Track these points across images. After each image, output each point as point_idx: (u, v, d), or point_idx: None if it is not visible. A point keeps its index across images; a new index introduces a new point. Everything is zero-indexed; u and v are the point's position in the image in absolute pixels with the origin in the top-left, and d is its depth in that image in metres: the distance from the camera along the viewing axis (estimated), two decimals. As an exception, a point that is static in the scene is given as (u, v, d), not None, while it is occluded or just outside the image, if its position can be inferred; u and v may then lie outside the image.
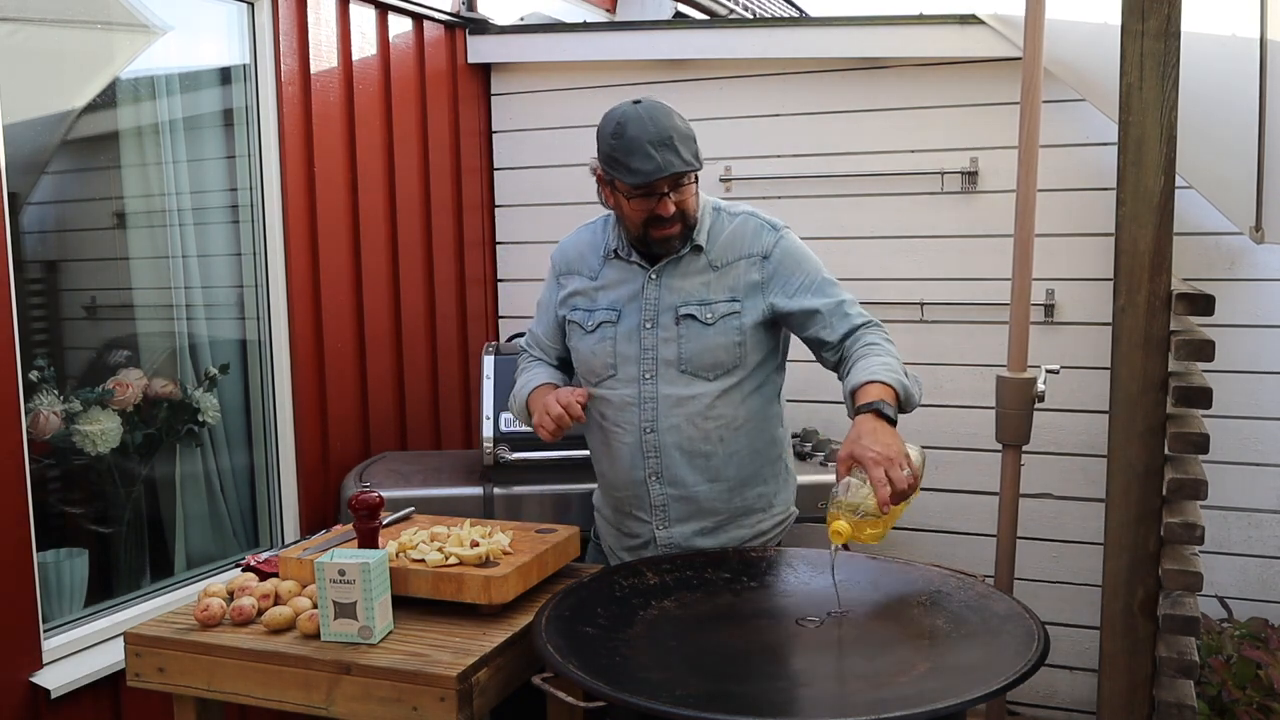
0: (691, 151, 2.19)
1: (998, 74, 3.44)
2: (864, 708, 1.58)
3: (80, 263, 3.05)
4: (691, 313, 2.27)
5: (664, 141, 2.15)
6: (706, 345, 2.26)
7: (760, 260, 2.29)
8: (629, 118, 2.18)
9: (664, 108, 2.22)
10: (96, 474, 2.91)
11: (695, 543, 2.33)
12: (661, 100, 2.28)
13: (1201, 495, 2.03)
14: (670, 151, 2.15)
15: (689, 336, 2.27)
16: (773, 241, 2.30)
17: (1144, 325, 2.02)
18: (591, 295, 2.37)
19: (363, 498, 2.10)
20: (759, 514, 2.37)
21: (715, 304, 2.27)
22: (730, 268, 2.29)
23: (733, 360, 2.27)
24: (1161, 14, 1.96)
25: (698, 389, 2.27)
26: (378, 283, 3.58)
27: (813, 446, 3.44)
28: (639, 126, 2.16)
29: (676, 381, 2.27)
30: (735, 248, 2.31)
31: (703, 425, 2.28)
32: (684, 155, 2.17)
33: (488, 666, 1.90)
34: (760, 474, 2.36)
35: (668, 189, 2.19)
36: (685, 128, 2.21)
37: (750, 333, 2.28)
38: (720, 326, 2.27)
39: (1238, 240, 3.22)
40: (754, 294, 2.28)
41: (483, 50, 4.03)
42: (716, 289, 2.28)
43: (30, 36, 2.72)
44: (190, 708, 2.07)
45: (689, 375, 2.27)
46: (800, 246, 2.34)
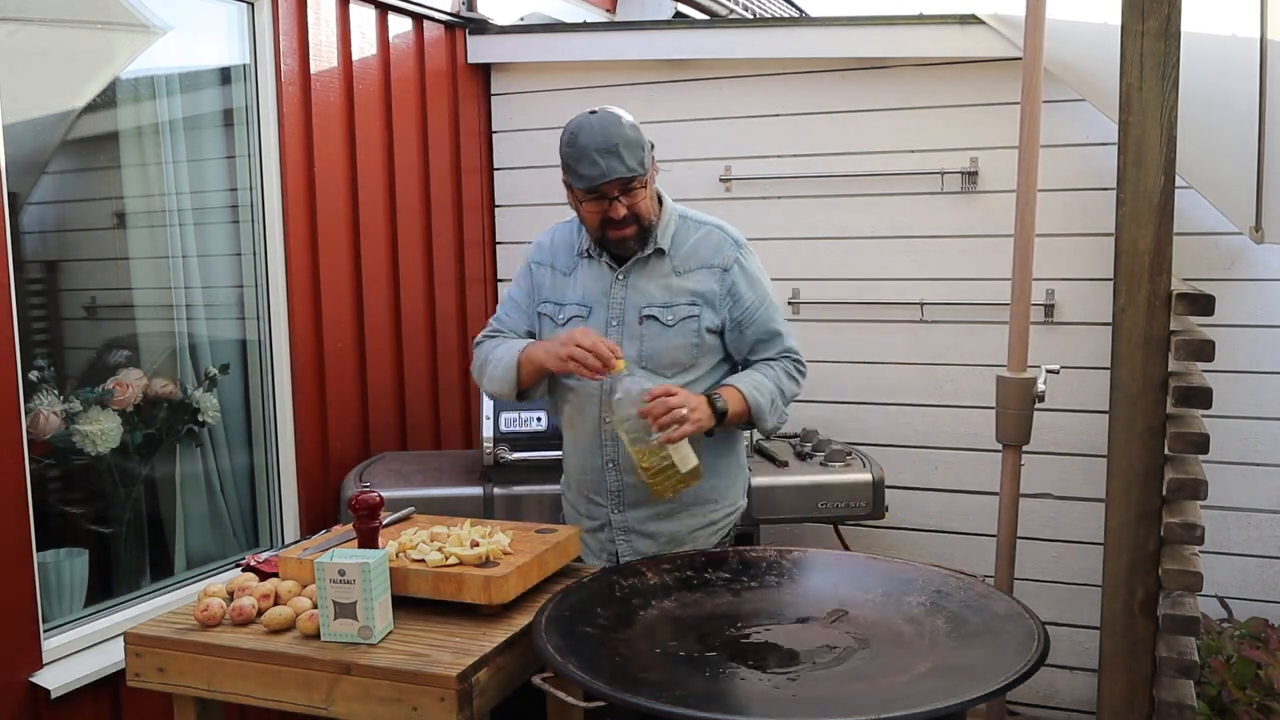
0: (636, 158, 2.30)
1: (998, 74, 3.44)
2: (864, 708, 1.58)
3: (80, 263, 3.06)
4: (654, 314, 2.41)
5: (609, 149, 2.28)
6: (667, 345, 2.41)
7: (721, 272, 2.44)
8: (582, 127, 2.32)
9: (615, 117, 2.33)
10: (96, 474, 2.91)
11: (648, 527, 2.48)
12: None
13: (1201, 495, 2.03)
14: (615, 158, 2.28)
15: (650, 336, 2.41)
16: (734, 257, 2.45)
17: (1144, 325, 2.02)
18: (561, 288, 2.50)
19: (363, 498, 2.10)
20: (710, 504, 2.51)
21: (676, 307, 2.41)
22: (692, 274, 2.43)
23: (690, 360, 2.43)
24: (1161, 14, 1.97)
25: (655, 384, 2.34)
26: (378, 283, 3.58)
27: (813, 446, 3.44)
28: (589, 135, 2.30)
29: (641, 377, 2.37)
30: (698, 256, 2.45)
31: None
32: (628, 162, 2.29)
33: (488, 666, 1.90)
34: (713, 467, 2.46)
35: (618, 193, 2.32)
36: (634, 136, 2.32)
37: (707, 336, 2.43)
38: (680, 328, 2.41)
39: (1238, 240, 3.22)
40: (712, 302, 2.43)
41: (483, 50, 4.03)
42: (678, 293, 2.42)
43: (30, 36, 2.72)
44: (190, 708, 2.07)
45: (648, 371, 2.40)
46: (757, 268, 2.50)
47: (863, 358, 3.75)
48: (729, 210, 3.84)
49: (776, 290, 2.54)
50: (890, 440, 3.73)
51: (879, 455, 3.60)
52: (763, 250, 3.78)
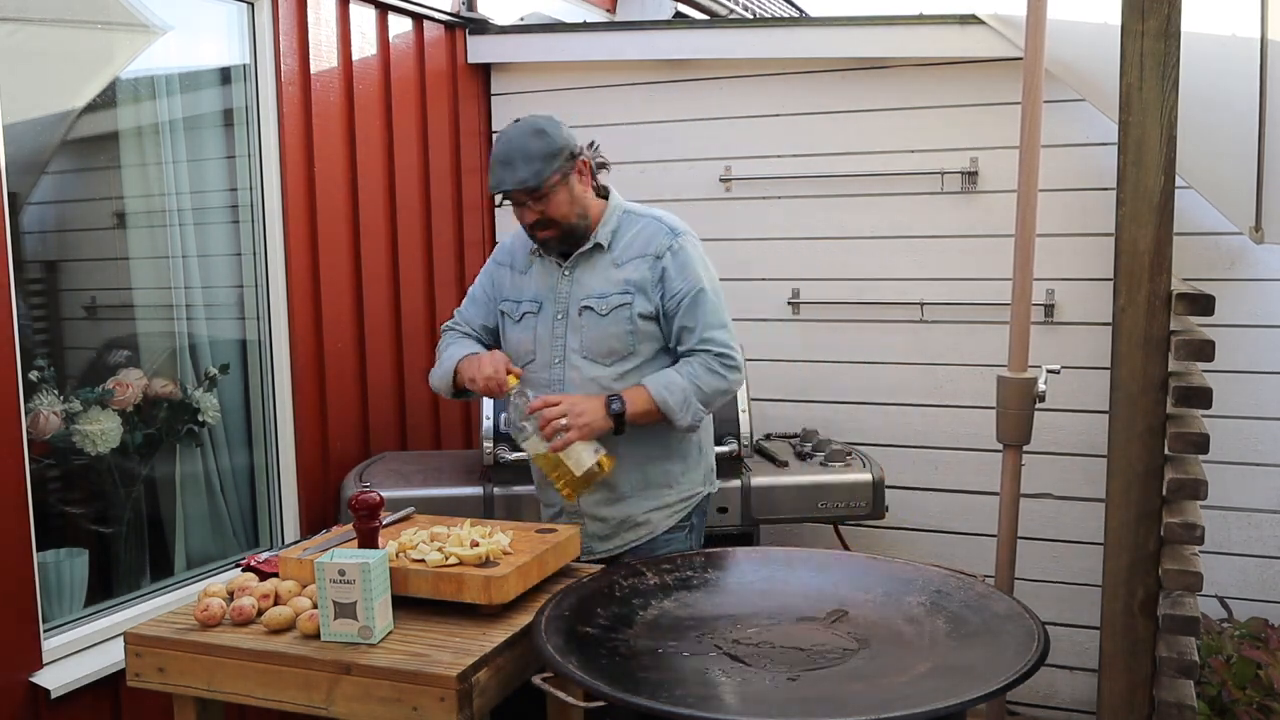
0: (532, 170, 2.41)
1: (998, 74, 3.44)
2: (864, 708, 1.58)
3: (80, 263, 3.05)
4: (590, 305, 2.51)
5: (507, 160, 2.43)
6: (602, 334, 2.50)
7: (653, 260, 2.50)
8: (500, 136, 2.49)
9: (528, 128, 2.46)
10: (96, 474, 2.91)
11: (600, 512, 2.56)
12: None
13: (1201, 495, 2.03)
14: (508, 170, 2.42)
15: (588, 326, 2.51)
16: (666, 245, 2.50)
17: (1144, 325, 2.02)
18: (519, 287, 2.63)
19: (363, 498, 2.10)
20: (663, 489, 2.58)
21: (610, 296, 2.50)
22: (628, 265, 2.52)
23: (625, 347, 2.50)
24: (1161, 14, 1.97)
25: (597, 372, 2.50)
26: (378, 283, 3.58)
27: (813, 446, 3.44)
28: (499, 144, 2.47)
29: (580, 366, 2.52)
30: (635, 247, 2.53)
31: None
32: (519, 174, 2.41)
33: (488, 666, 1.90)
34: (665, 453, 2.55)
35: (526, 200, 2.45)
36: (538, 147, 2.43)
37: (641, 323, 2.49)
38: (613, 316, 2.49)
39: (1238, 240, 3.22)
40: (644, 289, 2.49)
41: (483, 50, 4.03)
42: (614, 282, 2.51)
43: (30, 36, 2.72)
44: (190, 708, 2.07)
45: (590, 360, 2.51)
46: (694, 257, 2.52)
47: (863, 358, 3.75)
48: (729, 210, 3.85)
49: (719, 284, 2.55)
50: (890, 440, 3.73)
51: (879, 455, 3.60)
52: (763, 250, 3.84)
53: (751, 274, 3.85)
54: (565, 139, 2.47)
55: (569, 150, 2.47)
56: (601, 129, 3.96)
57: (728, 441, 3.14)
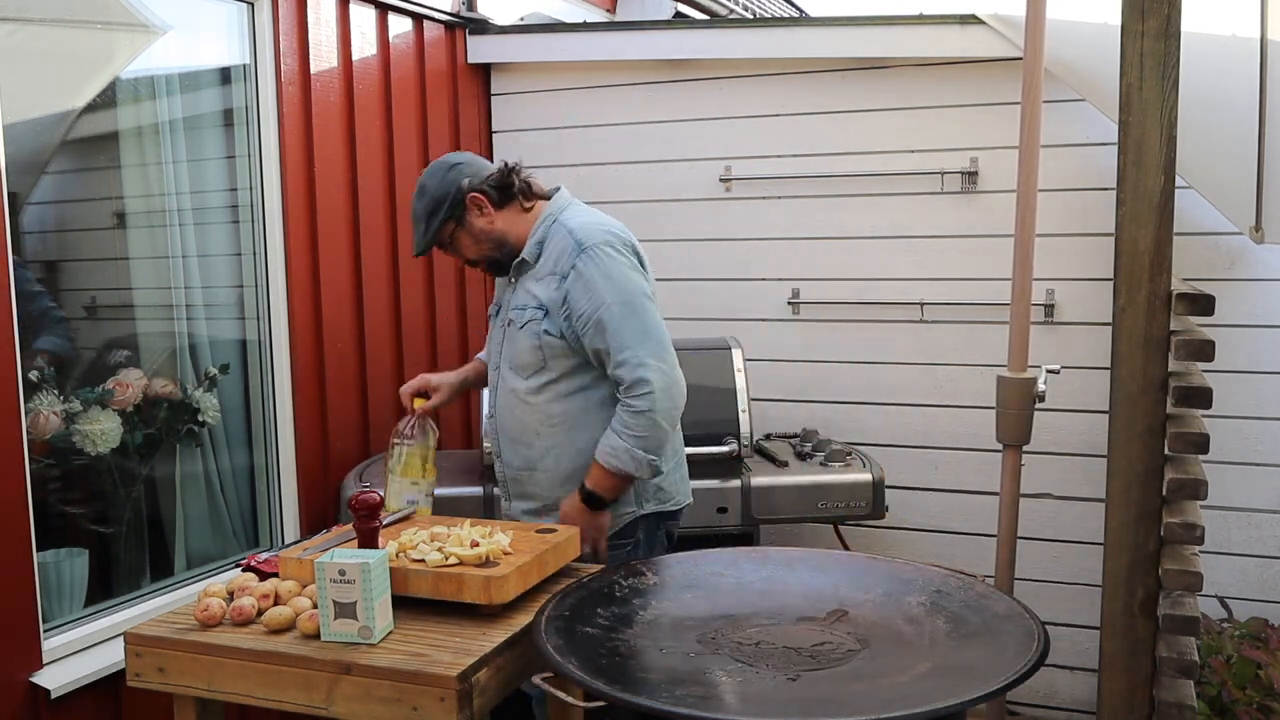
0: (420, 231, 2.53)
1: (998, 74, 3.44)
2: (864, 708, 1.58)
3: (80, 263, 3.05)
4: (512, 317, 2.56)
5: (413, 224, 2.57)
6: (517, 346, 2.54)
7: (559, 280, 2.46)
8: None
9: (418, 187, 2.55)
10: (96, 474, 2.91)
11: (525, 520, 2.57)
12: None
13: (1201, 495, 2.03)
14: (414, 234, 2.57)
15: (510, 339, 2.57)
16: (570, 264, 2.45)
17: (1144, 325, 2.02)
18: (500, 293, 2.70)
19: (363, 498, 2.10)
20: None
21: (526, 309, 2.52)
22: (543, 281, 2.51)
23: (536, 362, 2.50)
24: (1161, 14, 1.97)
25: (516, 384, 2.54)
26: (378, 283, 3.58)
27: (813, 446, 3.44)
28: None
29: (507, 376, 2.58)
30: (549, 263, 2.51)
31: (521, 416, 2.55)
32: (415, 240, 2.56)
33: (488, 666, 1.90)
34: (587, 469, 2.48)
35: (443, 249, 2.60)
36: (421, 207, 2.52)
37: (547, 340, 2.47)
38: (525, 331, 2.51)
39: (1238, 240, 3.22)
40: (551, 310, 2.47)
41: (483, 50, 4.03)
42: (530, 297, 2.52)
43: (30, 36, 2.72)
44: (190, 708, 2.07)
45: (511, 371, 2.56)
46: (594, 275, 2.42)
47: (863, 358, 3.75)
48: (729, 210, 3.85)
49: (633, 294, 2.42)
50: (890, 440, 3.73)
51: (879, 455, 3.60)
52: (763, 250, 3.84)
53: (751, 274, 3.85)
54: (445, 187, 2.48)
55: (451, 197, 2.48)
56: (601, 129, 3.99)
57: (727, 441, 3.15)
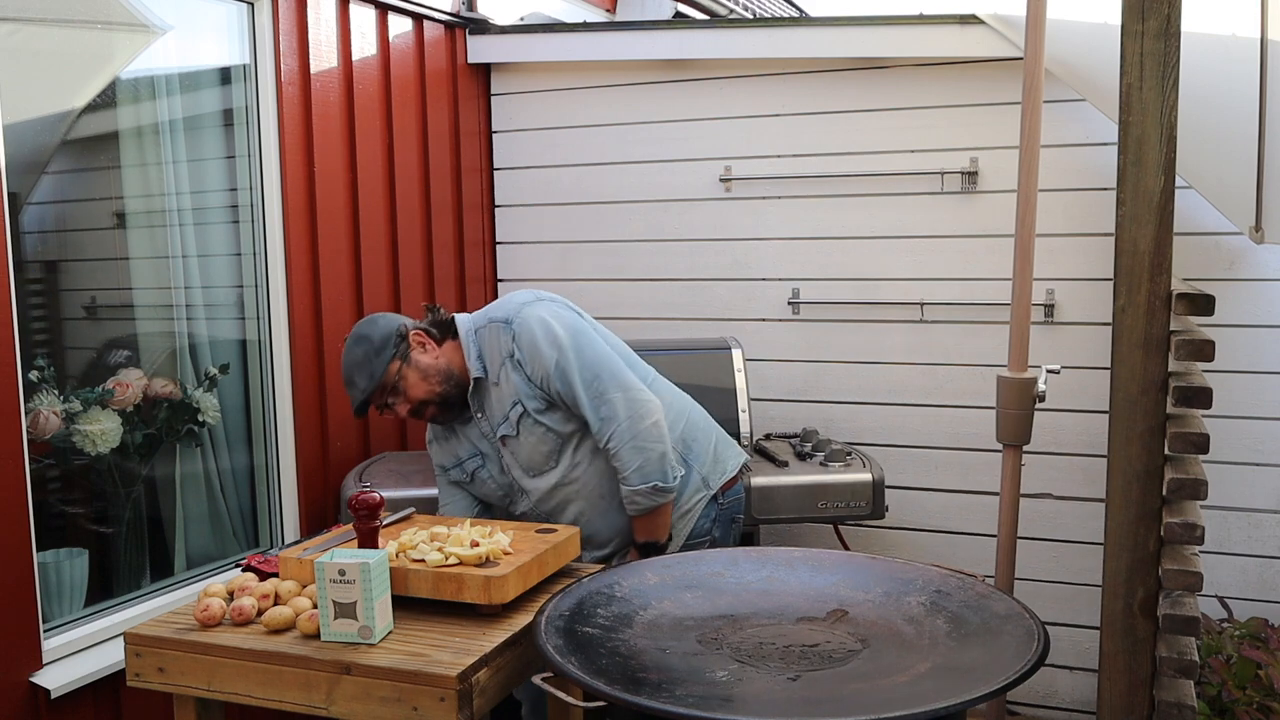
0: (366, 374, 2.46)
1: (998, 74, 3.44)
2: (864, 708, 1.58)
3: (80, 263, 3.05)
4: (505, 433, 2.53)
5: (349, 381, 2.50)
6: (527, 451, 2.53)
7: (514, 363, 2.49)
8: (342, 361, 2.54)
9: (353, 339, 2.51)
10: (96, 474, 2.91)
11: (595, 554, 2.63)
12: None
13: (1201, 495, 2.03)
14: (353, 388, 2.50)
15: (515, 450, 2.55)
16: (509, 339, 2.49)
17: (1144, 325, 2.02)
18: (452, 451, 2.65)
19: (363, 498, 2.10)
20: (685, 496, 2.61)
21: (509, 415, 2.52)
22: (502, 380, 2.51)
23: (553, 446, 2.52)
24: (1161, 14, 1.96)
25: (553, 480, 2.55)
26: (378, 283, 3.58)
27: (813, 446, 3.44)
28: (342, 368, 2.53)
29: (534, 486, 2.57)
30: (494, 359, 2.52)
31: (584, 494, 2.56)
32: (360, 385, 2.48)
33: (488, 666, 1.90)
34: None
35: (386, 399, 2.51)
36: (363, 352, 2.47)
37: (544, 417, 2.50)
38: (524, 429, 2.51)
39: (1238, 240, 3.22)
40: (525, 391, 2.49)
41: (483, 50, 4.03)
42: (505, 401, 2.52)
43: (30, 36, 2.72)
44: (190, 708, 2.07)
45: (536, 477, 2.56)
46: (529, 338, 2.47)
47: (863, 358, 3.75)
48: (729, 210, 3.85)
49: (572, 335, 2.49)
50: (890, 440, 3.73)
51: (879, 455, 3.60)
52: (763, 250, 3.84)
53: (751, 274, 3.85)
54: (384, 330, 2.50)
55: (393, 336, 2.49)
56: (602, 129, 3.99)
57: (728, 441, 3.14)
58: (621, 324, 3.92)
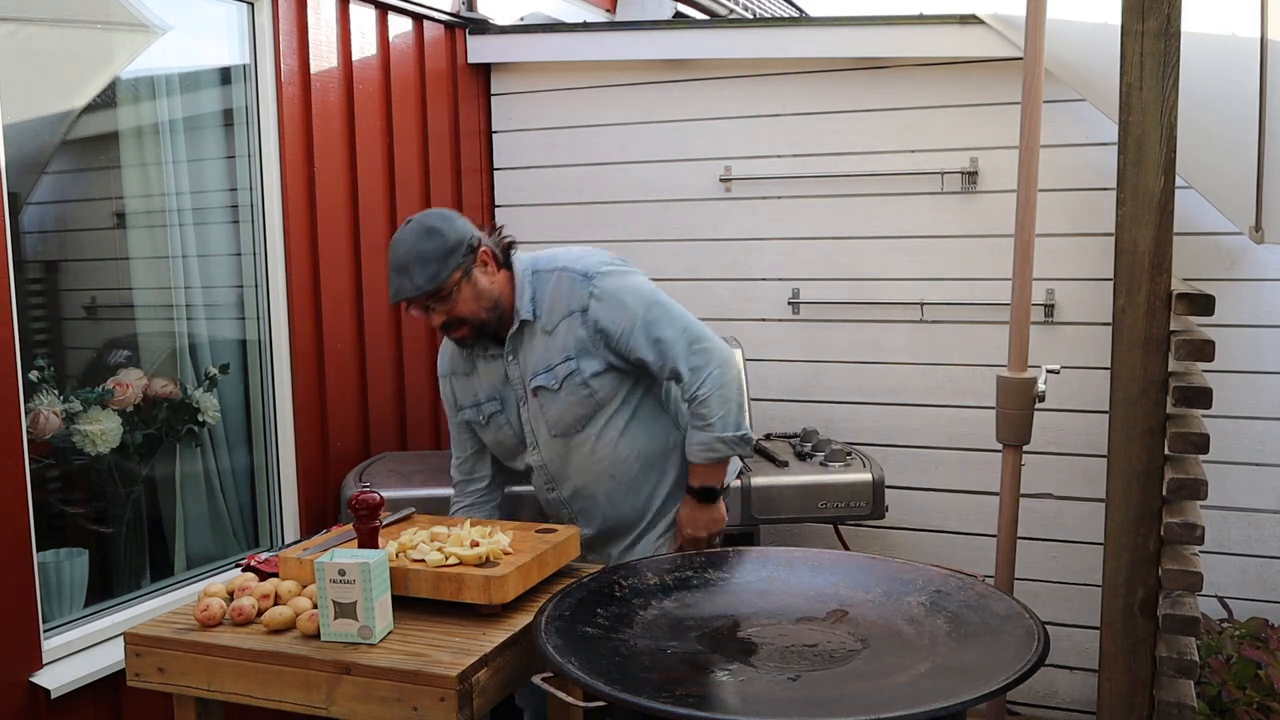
0: (428, 274, 2.28)
1: (998, 74, 3.44)
2: (864, 707, 1.58)
3: (80, 263, 3.05)
4: (541, 383, 2.43)
5: (402, 267, 2.31)
6: (561, 409, 2.44)
7: (580, 315, 2.39)
8: (392, 242, 2.36)
9: (419, 229, 2.33)
10: (96, 474, 2.91)
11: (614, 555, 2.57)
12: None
13: (1201, 495, 2.03)
14: (405, 277, 2.30)
15: (547, 404, 2.45)
16: (586, 295, 2.39)
17: (1144, 325, 2.02)
18: (470, 390, 2.55)
19: (363, 498, 2.10)
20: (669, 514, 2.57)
21: (555, 368, 2.42)
22: (558, 329, 2.41)
23: (589, 411, 2.44)
24: (1161, 14, 1.97)
25: (573, 444, 2.47)
26: (378, 283, 3.58)
27: (812, 446, 3.44)
28: (392, 250, 2.34)
29: (555, 444, 2.49)
30: (558, 308, 2.42)
31: (594, 469, 2.50)
32: (416, 280, 2.29)
33: (488, 666, 1.90)
34: (660, 478, 2.54)
35: (430, 304, 2.34)
36: (432, 248, 2.30)
37: (595, 381, 2.42)
38: (566, 387, 2.42)
39: (1238, 240, 3.22)
40: (586, 349, 2.40)
41: (483, 50, 4.03)
42: (554, 352, 2.42)
43: (30, 36, 2.72)
44: (190, 708, 2.07)
45: (561, 438, 2.48)
46: (619, 287, 2.41)
47: (863, 358, 3.75)
48: (729, 210, 3.85)
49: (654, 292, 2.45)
50: (890, 440, 3.73)
51: (879, 455, 3.60)
52: (763, 250, 3.84)
53: (751, 274, 3.85)
54: (460, 233, 2.34)
55: (466, 243, 2.34)
56: (601, 129, 3.99)
57: (728, 441, 3.14)
58: (621, 324, 3.93)
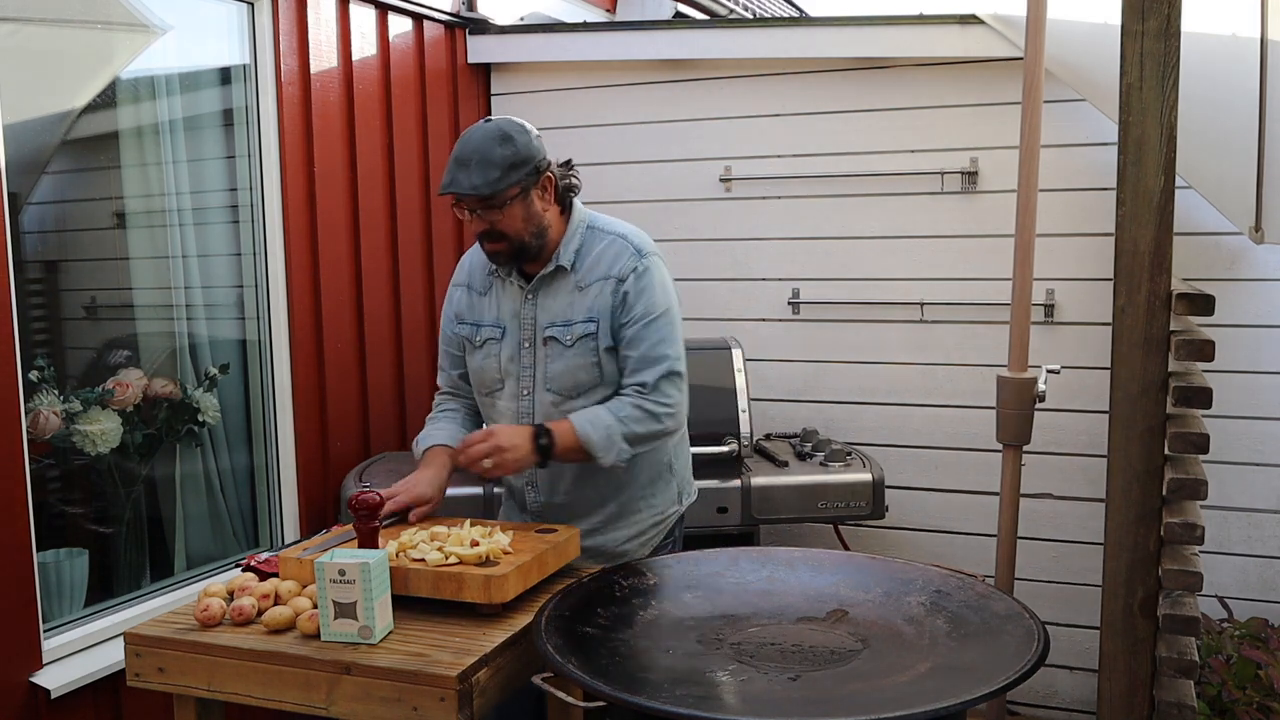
0: (487, 178, 2.18)
1: (998, 74, 3.44)
2: (864, 708, 1.58)
3: (80, 263, 3.06)
4: (554, 334, 2.33)
5: (464, 161, 2.20)
6: (567, 366, 2.32)
7: (616, 283, 2.30)
8: (465, 134, 2.26)
9: (496, 131, 2.23)
10: (96, 474, 2.91)
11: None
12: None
13: (1201, 495, 2.03)
14: (464, 171, 2.19)
15: (553, 357, 2.34)
16: (631, 268, 2.31)
17: (1144, 325, 2.02)
18: (477, 309, 2.44)
19: (363, 498, 2.10)
20: (636, 516, 2.44)
21: (574, 325, 2.32)
22: (591, 288, 2.32)
23: (592, 380, 2.32)
24: (1161, 14, 1.97)
25: (565, 407, 2.33)
26: (378, 283, 3.58)
27: (812, 446, 3.44)
28: (463, 143, 2.24)
29: (546, 399, 2.35)
30: (599, 268, 2.33)
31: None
32: (473, 179, 2.18)
33: (488, 666, 1.90)
34: (633, 478, 2.41)
35: (478, 207, 2.23)
36: (502, 154, 2.20)
37: (605, 355, 2.31)
38: (579, 348, 2.31)
39: (1238, 240, 3.22)
40: (606, 316, 2.31)
41: (483, 50, 4.03)
42: (578, 309, 2.32)
43: (30, 36, 2.72)
44: (190, 708, 2.07)
45: (555, 394, 2.34)
46: (654, 282, 2.32)
47: (863, 358, 3.75)
48: (729, 210, 3.85)
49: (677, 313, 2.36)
50: (890, 440, 3.73)
51: (879, 455, 3.60)
52: (763, 250, 3.84)
53: (751, 274, 3.85)
54: (533, 149, 2.25)
55: (534, 163, 2.24)
56: (601, 129, 3.99)
57: (728, 441, 3.15)
58: (621, 324, 3.93)
